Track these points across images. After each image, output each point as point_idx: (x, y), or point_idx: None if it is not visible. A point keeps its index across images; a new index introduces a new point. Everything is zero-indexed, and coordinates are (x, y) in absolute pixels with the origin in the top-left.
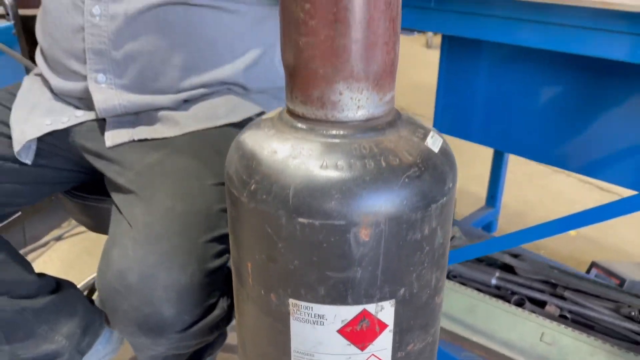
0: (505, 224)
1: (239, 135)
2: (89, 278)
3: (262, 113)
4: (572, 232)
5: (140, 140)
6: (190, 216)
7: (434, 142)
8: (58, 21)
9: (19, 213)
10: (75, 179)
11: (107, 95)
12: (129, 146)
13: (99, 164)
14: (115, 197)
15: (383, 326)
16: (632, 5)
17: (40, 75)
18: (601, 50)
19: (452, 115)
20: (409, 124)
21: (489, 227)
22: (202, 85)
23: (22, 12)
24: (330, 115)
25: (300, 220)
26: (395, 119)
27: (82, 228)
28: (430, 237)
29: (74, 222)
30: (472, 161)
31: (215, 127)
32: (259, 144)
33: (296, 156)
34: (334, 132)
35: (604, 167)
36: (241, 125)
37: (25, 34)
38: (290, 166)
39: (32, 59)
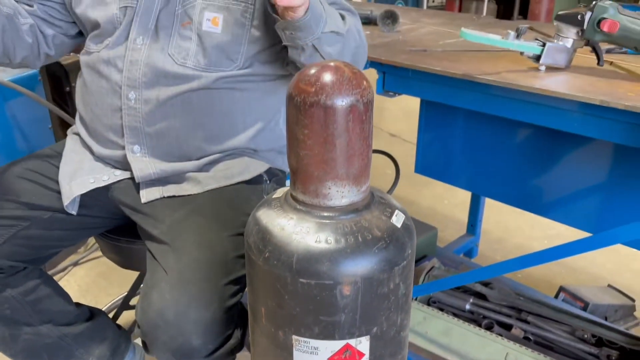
0: (486, 250)
1: (256, 211)
2: (110, 303)
3: (269, 169)
4: None
5: (169, 197)
6: (212, 264)
7: (398, 219)
8: (99, 101)
9: None
10: (110, 225)
11: (143, 165)
12: (160, 202)
13: (135, 217)
14: (150, 245)
15: (361, 355)
16: (576, 95)
17: (79, 135)
18: (556, 122)
19: (431, 162)
20: (380, 205)
21: (470, 253)
22: (220, 152)
23: None
24: (322, 203)
25: (301, 280)
26: (369, 202)
27: (97, 254)
28: (394, 290)
29: (89, 248)
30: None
31: (231, 185)
32: (271, 222)
33: (298, 232)
34: (325, 214)
35: (557, 210)
36: (252, 181)
37: (49, 78)
38: (293, 240)
39: (56, 101)
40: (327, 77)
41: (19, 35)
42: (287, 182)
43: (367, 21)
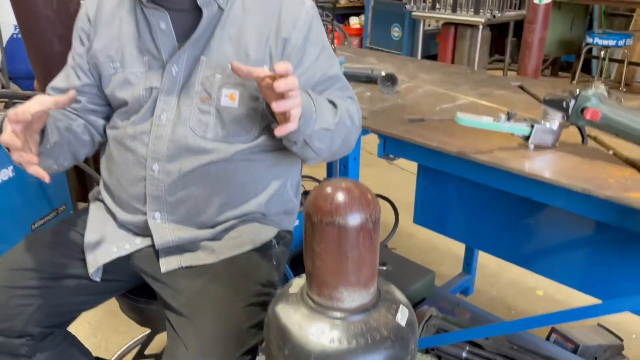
0: (482, 284)
1: (275, 305)
2: (122, 349)
3: (278, 234)
4: (539, 292)
5: (186, 267)
6: (229, 336)
7: (402, 316)
8: (125, 171)
9: None
10: (130, 287)
11: (163, 232)
12: (178, 271)
13: (154, 285)
14: (170, 315)
15: None
16: (560, 182)
17: (101, 201)
18: (543, 198)
19: (429, 215)
20: (386, 301)
21: (466, 291)
22: (234, 218)
23: None
24: (335, 305)
25: None
26: (377, 301)
27: None
28: None
29: None
30: None
31: (243, 253)
32: (289, 319)
33: (314, 333)
34: (337, 314)
35: (545, 266)
36: (262, 248)
37: None
38: (310, 341)
39: None
40: (340, 197)
41: (79, 140)
42: (295, 220)
43: (368, 80)
